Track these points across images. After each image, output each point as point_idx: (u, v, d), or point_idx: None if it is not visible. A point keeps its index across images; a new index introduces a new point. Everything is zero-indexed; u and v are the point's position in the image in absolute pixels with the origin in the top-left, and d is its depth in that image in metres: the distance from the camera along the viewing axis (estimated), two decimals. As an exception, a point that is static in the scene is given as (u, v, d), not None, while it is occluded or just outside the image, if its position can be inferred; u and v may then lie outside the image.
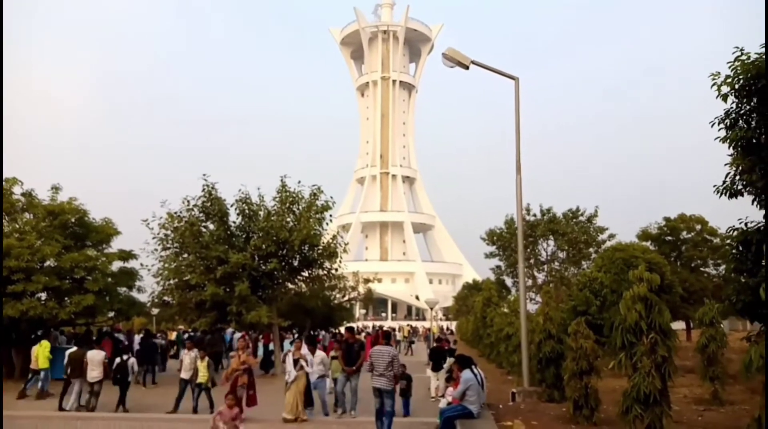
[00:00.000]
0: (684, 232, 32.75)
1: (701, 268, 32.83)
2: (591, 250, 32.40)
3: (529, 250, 32.16)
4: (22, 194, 19.73)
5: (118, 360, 13.98)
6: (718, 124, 8.80)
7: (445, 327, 64.37)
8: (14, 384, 16.74)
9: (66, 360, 13.35)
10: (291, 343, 19.54)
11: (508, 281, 39.08)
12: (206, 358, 12.72)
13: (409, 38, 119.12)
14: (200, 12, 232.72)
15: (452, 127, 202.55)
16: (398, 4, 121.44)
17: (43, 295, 18.39)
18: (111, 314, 21.22)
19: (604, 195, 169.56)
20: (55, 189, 20.08)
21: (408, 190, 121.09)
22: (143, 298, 21.66)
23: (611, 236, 32.23)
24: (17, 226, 19.46)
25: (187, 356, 13.01)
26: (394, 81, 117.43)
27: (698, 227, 32.40)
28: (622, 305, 7.30)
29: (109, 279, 19.60)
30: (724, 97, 8.51)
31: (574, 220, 33.36)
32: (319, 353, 12.30)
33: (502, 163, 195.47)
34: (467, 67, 13.53)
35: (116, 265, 20.31)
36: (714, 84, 8.50)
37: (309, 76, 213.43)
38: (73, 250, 18.88)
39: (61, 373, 16.86)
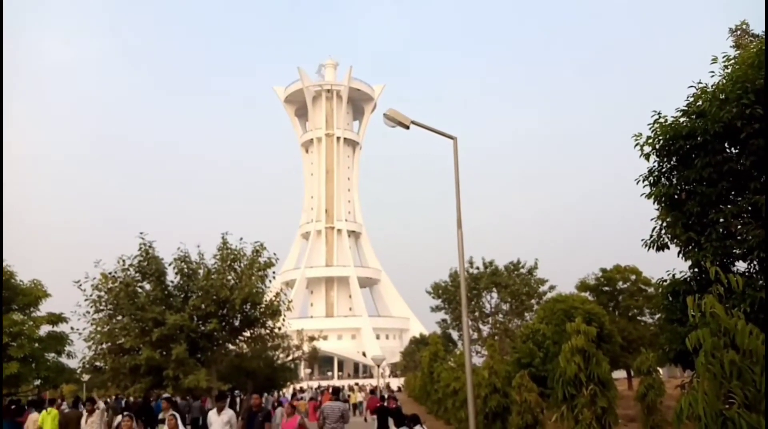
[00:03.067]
0: (620, 283, 33.99)
1: (638, 317, 33.99)
2: (533, 301, 33.07)
3: (473, 302, 32.50)
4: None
5: None
6: (643, 181, 9.33)
7: (394, 384, 63.29)
8: None
9: None
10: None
11: (455, 334, 39.17)
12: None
13: (353, 97, 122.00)
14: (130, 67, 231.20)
15: (398, 181, 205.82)
16: (341, 65, 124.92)
17: (-40, 365, 17.09)
18: (37, 382, 19.88)
19: (543, 247, 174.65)
20: (-22, 250, 19.01)
21: (354, 245, 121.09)
22: (73, 363, 20.43)
23: (551, 288, 33.08)
24: (-66, 290, 18.21)
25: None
26: (338, 138, 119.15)
27: (633, 277, 33.72)
28: (561, 358, 7.43)
29: (36, 344, 18.54)
30: (647, 157, 9.07)
31: (516, 272, 34.12)
32: (228, 411, 10.33)
33: (445, 217, 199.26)
34: (408, 127, 13.91)
35: (44, 329, 19.24)
36: (637, 144, 9.06)
37: (249, 132, 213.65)
38: (-3, 314, 17.76)
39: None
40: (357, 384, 56.37)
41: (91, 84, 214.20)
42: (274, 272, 20.76)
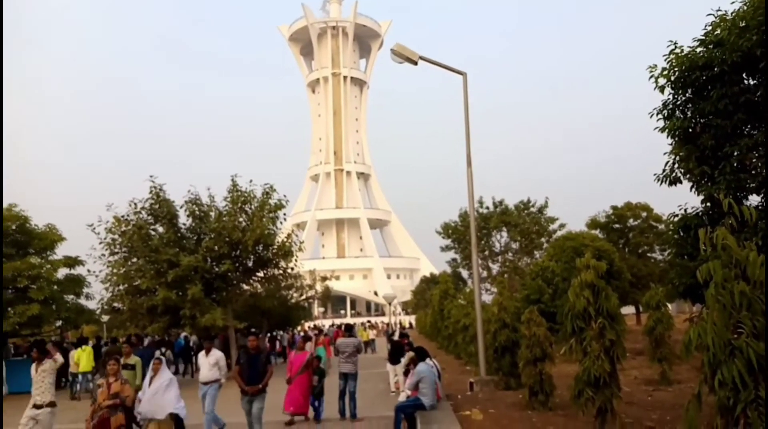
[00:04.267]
0: (631, 220, 33.96)
1: (648, 254, 34.13)
2: (543, 240, 33.16)
3: (482, 242, 32.66)
4: (-42, 202, 18.75)
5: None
6: (657, 114, 9.11)
7: (405, 321, 64.76)
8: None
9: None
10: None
11: (464, 273, 39.58)
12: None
13: (359, 34, 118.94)
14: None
15: (406, 121, 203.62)
16: (346, 0, 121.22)
17: (-16, 307, 17.58)
18: (58, 323, 20.49)
19: (554, 186, 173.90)
20: (-7, 195, 19.18)
21: (363, 187, 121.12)
22: (92, 305, 20.98)
23: (562, 226, 33.07)
24: (-48, 235, 18.53)
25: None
26: (345, 77, 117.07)
27: (644, 214, 33.66)
28: (570, 292, 7.49)
29: (55, 287, 18.95)
30: (662, 89, 8.82)
31: (526, 211, 34.04)
32: (216, 352, 9.82)
33: (455, 156, 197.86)
34: (416, 63, 13.60)
35: (62, 272, 19.68)
36: (651, 76, 8.80)
37: (258, 73, 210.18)
38: (15, 258, 18.15)
39: (17, 387, 16.40)
40: (369, 322, 57.78)
41: (100, 30, 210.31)
42: (284, 214, 20.92)
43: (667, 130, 8.83)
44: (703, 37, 8.59)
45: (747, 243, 4.18)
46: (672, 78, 8.67)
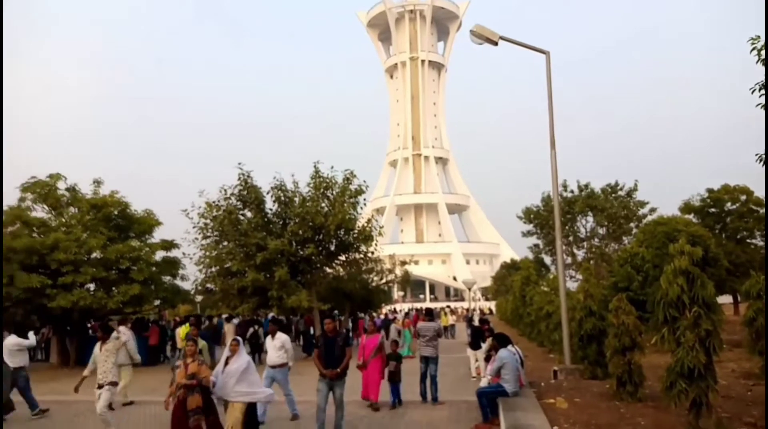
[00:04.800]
0: (728, 204, 31.73)
1: (748, 240, 31.79)
2: (631, 225, 31.78)
3: (567, 227, 31.74)
4: (66, 189, 20.40)
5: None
6: (759, 90, 8.46)
7: (485, 307, 64.23)
8: (69, 371, 17.45)
9: None
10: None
11: (547, 259, 38.73)
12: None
13: (437, 17, 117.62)
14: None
15: (484, 104, 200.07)
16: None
17: (92, 286, 19.09)
18: (157, 302, 21.90)
19: (644, 169, 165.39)
20: (97, 183, 20.74)
21: (441, 171, 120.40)
22: (187, 286, 22.32)
23: (652, 210, 31.56)
24: (63, 220, 20.20)
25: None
26: (422, 61, 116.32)
27: (743, 198, 31.33)
28: (663, 279, 7.16)
29: (154, 268, 20.19)
30: (765, 62, 8.17)
31: (613, 194, 32.74)
32: (281, 336, 9.87)
33: (538, 138, 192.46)
34: (496, 44, 13.33)
35: (159, 254, 20.91)
36: (753, 48, 8.16)
37: (336, 62, 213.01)
38: (118, 241, 19.52)
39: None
40: (449, 306, 57.74)
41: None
42: (364, 199, 21.26)
43: (771, 107, 8.17)
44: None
45: None
46: (779, 50, 7.99)
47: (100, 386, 8.34)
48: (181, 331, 18.25)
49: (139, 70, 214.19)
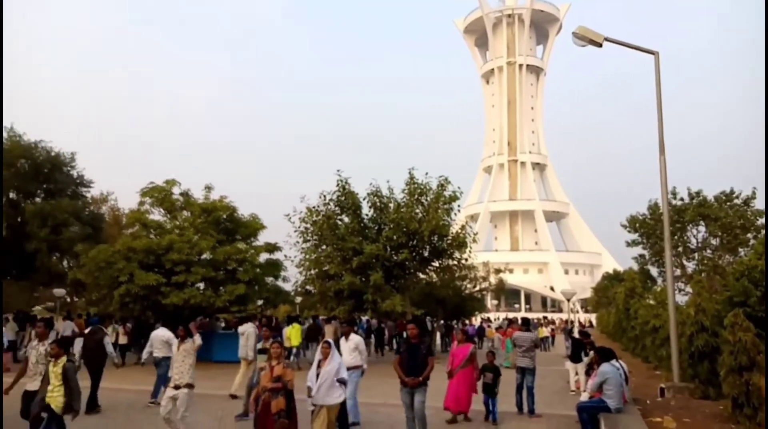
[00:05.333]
0: None
1: None
2: (749, 235, 29.30)
3: (676, 237, 29.84)
4: (181, 194, 21.99)
5: None
6: None
7: (584, 319, 61.62)
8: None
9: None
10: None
11: (653, 271, 36.53)
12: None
13: (536, 20, 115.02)
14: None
15: (585, 108, 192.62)
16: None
17: (201, 285, 20.36)
18: (260, 302, 22.98)
19: (761, 175, 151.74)
20: (208, 188, 22.17)
21: (538, 178, 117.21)
22: (288, 287, 23.28)
23: (773, 220, 28.89)
24: (177, 223, 21.76)
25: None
26: (520, 65, 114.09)
27: None
28: (788, 295, 6.59)
29: (258, 270, 21.19)
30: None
31: (728, 203, 30.34)
32: (354, 337, 9.78)
33: (643, 143, 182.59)
34: (600, 45, 12.86)
35: (263, 256, 21.94)
36: None
37: (427, 70, 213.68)
38: (226, 243, 20.73)
39: (222, 356, 18.93)
40: (545, 317, 55.98)
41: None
42: (458, 205, 21.16)
43: None
44: None
45: None
46: None
47: (177, 387, 8.02)
48: (289, 331, 18.99)
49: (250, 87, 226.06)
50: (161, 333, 11.73)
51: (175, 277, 19.11)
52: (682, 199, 30.98)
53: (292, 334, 18.98)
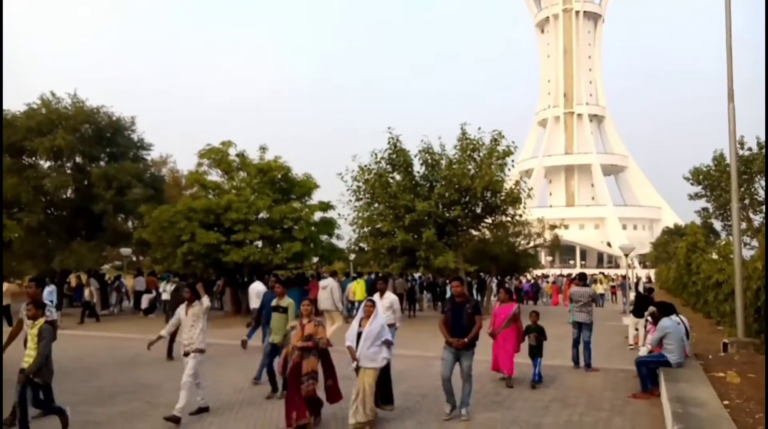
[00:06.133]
0: None
1: None
2: (822, 186, 27.63)
3: (743, 188, 28.45)
4: (237, 155, 22.47)
5: None
6: None
7: (642, 275, 60.16)
8: (242, 318, 19.44)
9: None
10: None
11: (717, 225, 35.17)
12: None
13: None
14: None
15: (646, 56, 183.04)
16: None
17: (259, 243, 20.98)
18: (315, 259, 23.52)
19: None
20: (263, 149, 22.58)
21: (596, 130, 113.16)
22: (342, 244, 23.69)
23: None
24: (234, 183, 22.34)
25: None
26: (577, 12, 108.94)
27: None
28: None
29: (313, 228, 21.66)
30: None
31: (801, 151, 28.54)
32: (389, 295, 9.54)
33: (708, 91, 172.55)
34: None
35: (317, 215, 22.34)
36: None
37: (473, 18, 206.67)
38: (281, 202, 21.22)
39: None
40: (602, 273, 54.90)
41: None
42: (512, 160, 20.75)
43: None
44: None
45: None
46: None
47: (186, 354, 7.32)
48: (354, 286, 19.62)
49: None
50: (257, 286, 12.95)
51: (234, 235, 19.72)
52: (750, 149, 29.39)
53: (357, 289, 19.67)
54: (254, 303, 12.51)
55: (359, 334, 6.71)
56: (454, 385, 7.26)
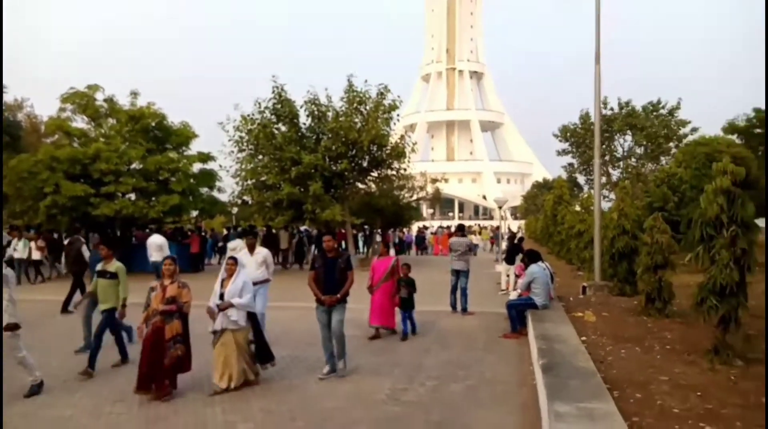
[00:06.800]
0: (776, 125, 30.38)
1: (793, 163, 30.70)
2: (671, 145, 30.94)
3: (604, 146, 31.10)
4: (104, 100, 20.66)
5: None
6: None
7: (513, 226, 64.38)
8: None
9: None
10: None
11: (581, 179, 38.27)
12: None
13: None
14: None
15: (524, 17, 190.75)
16: None
17: (133, 196, 19.74)
18: (195, 213, 22.58)
19: (687, 86, 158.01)
20: (134, 94, 20.93)
21: (476, 87, 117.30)
22: (223, 197, 22.88)
23: (694, 130, 30.56)
24: (103, 131, 20.64)
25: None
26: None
27: (793, 118, 29.93)
28: (703, 199, 7.09)
29: (191, 180, 20.66)
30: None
31: (654, 113, 31.66)
32: (261, 250, 8.76)
33: (578, 55, 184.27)
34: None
35: (197, 167, 21.30)
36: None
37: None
38: (156, 153, 19.94)
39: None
40: (478, 225, 58.10)
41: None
42: (398, 115, 21.00)
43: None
44: None
45: None
46: None
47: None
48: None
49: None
50: (156, 239, 12.78)
51: (105, 187, 18.41)
52: (612, 109, 32.04)
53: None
54: (155, 257, 12.20)
55: (222, 295, 6.32)
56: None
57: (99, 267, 7.68)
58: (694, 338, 7.89)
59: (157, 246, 12.57)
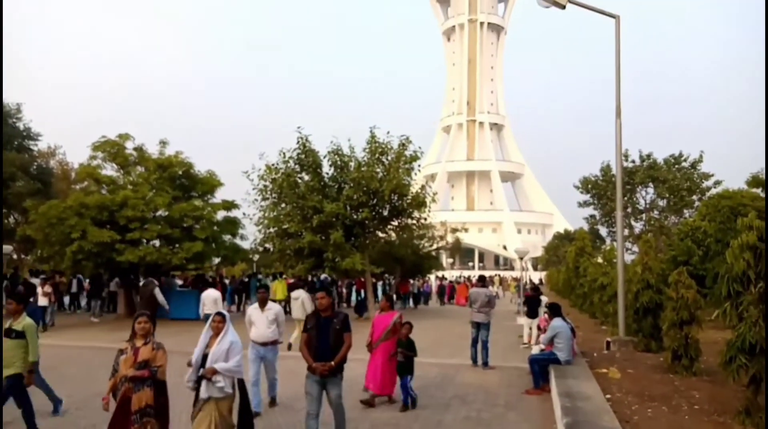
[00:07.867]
0: (802, 178, 30.03)
1: (821, 217, 30.14)
2: (694, 197, 30.66)
3: (626, 198, 30.95)
4: (134, 149, 21.30)
5: None
6: None
7: (535, 278, 63.70)
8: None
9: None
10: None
11: (603, 231, 37.94)
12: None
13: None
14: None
15: (544, 70, 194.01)
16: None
17: (157, 243, 20.02)
18: (217, 260, 22.77)
19: (710, 139, 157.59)
20: (163, 143, 21.55)
21: (496, 138, 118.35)
22: (246, 245, 23.11)
23: (717, 183, 30.27)
24: (131, 178, 21.17)
25: None
26: (481, 23, 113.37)
27: (819, 172, 29.57)
28: (728, 254, 7.00)
29: (215, 227, 20.91)
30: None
31: (677, 166, 31.56)
32: (273, 306, 7.91)
33: (597, 107, 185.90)
34: (564, 7, 12.94)
35: (220, 214, 21.62)
36: None
37: (392, 28, 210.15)
38: (182, 200, 20.34)
39: (180, 313, 18.78)
40: (498, 275, 57.53)
41: None
42: (419, 165, 21.29)
43: None
44: None
45: None
46: None
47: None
48: (274, 286, 19.53)
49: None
50: (212, 293, 13.01)
51: (130, 234, 18.71)
52: (633, 161, 32.00)
53: (278, 289, 19.58)
54: (208, 309, 12.43)
55: (205, 357, 5.26)
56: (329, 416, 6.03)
57: (6, 324, 6.32)
58: (723, 398, 7.64)
59: (212, 300, 12.85)
